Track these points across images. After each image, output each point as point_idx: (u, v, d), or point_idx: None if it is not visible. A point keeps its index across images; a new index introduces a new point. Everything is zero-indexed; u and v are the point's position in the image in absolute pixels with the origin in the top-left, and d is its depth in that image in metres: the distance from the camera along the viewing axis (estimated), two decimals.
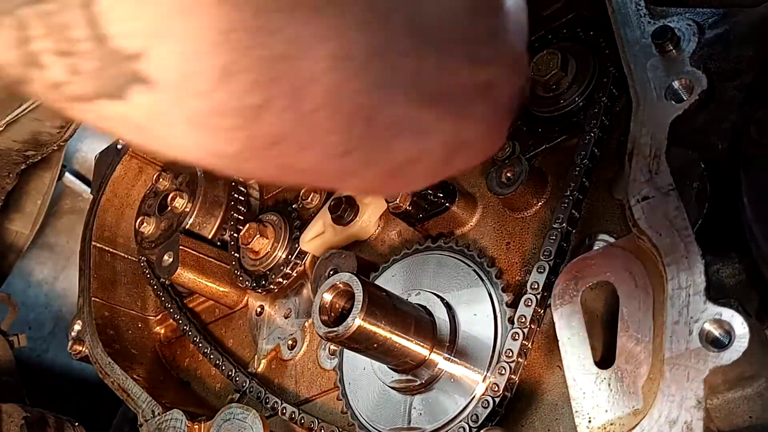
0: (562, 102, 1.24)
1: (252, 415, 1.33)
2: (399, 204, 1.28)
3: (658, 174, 0.92)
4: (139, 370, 1.69)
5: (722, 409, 0.92)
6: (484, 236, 1.30)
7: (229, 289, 1.66)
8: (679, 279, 0.87)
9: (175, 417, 1.45)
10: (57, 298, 2.72)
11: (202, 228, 1.70)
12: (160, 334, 1.83)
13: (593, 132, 1.17)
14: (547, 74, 1.22)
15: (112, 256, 1.84)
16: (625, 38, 1.03)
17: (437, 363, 1.18)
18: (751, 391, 0.90)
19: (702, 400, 0.82)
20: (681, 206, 0.89)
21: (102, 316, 1.75)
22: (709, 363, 0.82)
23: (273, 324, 1.57)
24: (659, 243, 0.89)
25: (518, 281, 1.23)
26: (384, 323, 1.09)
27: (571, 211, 1.14)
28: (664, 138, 0.94)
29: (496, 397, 1.12)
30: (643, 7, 1.03)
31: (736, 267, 1.03)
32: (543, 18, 1.35)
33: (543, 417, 1.14)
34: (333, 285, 1.10)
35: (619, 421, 0.88)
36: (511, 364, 1.12)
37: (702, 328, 0.83)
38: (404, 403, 1.23)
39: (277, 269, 1.54)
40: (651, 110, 0.96)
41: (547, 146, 1.27)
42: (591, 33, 1.25)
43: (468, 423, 1.13)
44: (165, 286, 1.74)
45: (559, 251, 1.13)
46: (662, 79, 0.97)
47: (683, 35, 0.99)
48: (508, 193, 1.21)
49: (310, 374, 1.46)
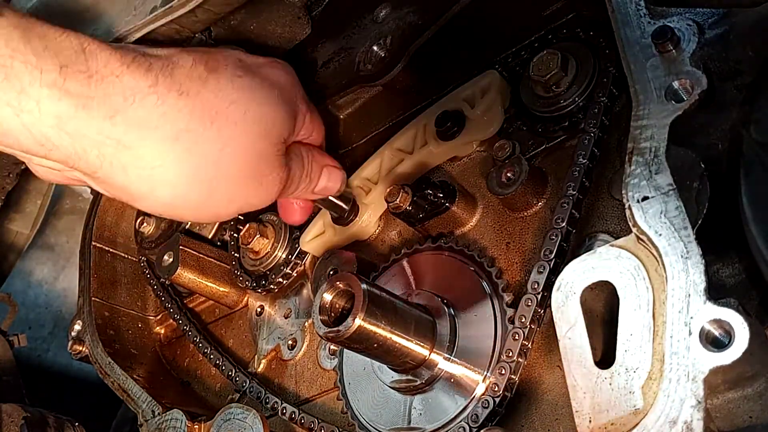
0: (562, 102, 1.24)
1: (252, 415, 1.33)
2: (399, 204, 1.28)
3: (658, 174, 0.92)
4: (139, 370, 1.69)
5: (722, 409, 0.92)
6: (484, 236, 1.30)
7: (229, 289, 1.66)
8: (679, 279, 0.87)
9: (175, 417, 1.45)
10: (57, 298, 2.72)
11: (202, 228, 1.70)
12: (160, 334, 1.83)
13: (593, 132, 1.17)
14: (547, 74, 1.22)
15: (112, 256, 1.84)
16: (625, 38, 1.03)
17: (437, 363, 1.18)
18: (751, 391, 0.91)
19: (702, 400, 0.82)
20: (681, 206, 0.89)
21: (102, 316, 1.75)
22: (709, 363, 0.82)
23: (273, 324, 1.57)
24: (659, 243, 0.89)
25: (518, 281, 1.23)
26: (384, 323, 1.09)
27: (571, 211, 1.14)
28: (664, 138, 0.94)
29: (496, 397, 1.12)
30: (643, 7, 1.03)
31: (736, 267, 1.04)
32: (543, 18, 1.35)
33: (543, 417, 1.14)
34: (333, 285, 1.10)
35: (619, 421, 0.88)
36: (511, 364, 1.12)
37: (702, 328, 0.84)
38: (404, 403, 1.23)
39: (277, 269, 1.54)
40: (651, 110, 0.96)
41: (547, 146, 1.27)
42: (591, 33, 1.25)
43: (468, 423, 1.13)
44: (165, 286, 1.74)
45: (559, 251, 1.13)
46: (662, 79, 0.97)
47: (683, 35, 0.99)
48: (508, 193, 1.21)
49: (310, 374, 1.46)
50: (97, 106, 0.97)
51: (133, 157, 1.02)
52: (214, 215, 1.19)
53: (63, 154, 0.99)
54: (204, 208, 1.14)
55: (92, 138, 0.99)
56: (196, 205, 1.12)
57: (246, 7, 1.32)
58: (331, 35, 1.44)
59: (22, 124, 0.93)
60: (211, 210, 1.15)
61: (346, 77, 1.40)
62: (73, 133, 0.97)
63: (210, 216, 1.21)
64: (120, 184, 1.05)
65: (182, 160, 1.06)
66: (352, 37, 1.42)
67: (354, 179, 1.43)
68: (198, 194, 1.10)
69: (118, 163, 1.02)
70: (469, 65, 1.41)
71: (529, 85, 1.27)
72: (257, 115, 1.13)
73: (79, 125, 0.96)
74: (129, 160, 1.02)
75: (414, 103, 1.46)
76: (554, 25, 1.33)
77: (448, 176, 1.38)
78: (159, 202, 1.09)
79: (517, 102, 1.30)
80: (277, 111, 1.17)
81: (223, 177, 1.11)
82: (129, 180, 1.04)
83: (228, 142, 1.09)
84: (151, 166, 1.04)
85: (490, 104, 1.30)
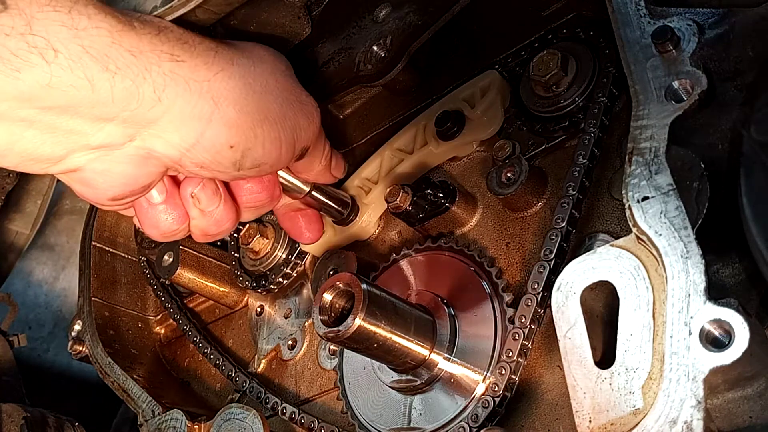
0: (562, 102, 1.24)
1: (252, 415, 1.33)
2: (399, 204, 1.29)
3: (658, 174, 0.92)
4: (139, 370, 1.69)
5: (722, 409, 0.92)
6: (484, 236, 1.30)
7: (229, 289, 1.66)
8: (679, 279, 0.87)
9: (175, 417, 1.45)
10: (57, 298, 2.72)
11: None
12: (160, 334, 1.83)
13: (593, 132, 1.17)
14: (547, 74, 1.22)
15: (112, 256, 1.84)
16: (625, 38, 1.03)
17: (437, 363, 1.18)
18: (751, 391, 0.91)
19: (702, 400, 0.82)
20: (681, 206, 0.89)
21: (102, 316, 1.75)
22: (709, 363, 0.82)
23: (273, 324, 1.57)
24: (659, 243, 0.89)
25: (518, 281, 1.23)
26: (384, 323, 1.09)
27: (571, 211, 1.14)
28: (664, 138, 0.94)
29: (496, 397, 1.12)
30: (643, 7, 1.03)
31: (736, 267, 1.04)
32: (543, 18, 1.35)
33: (543, 417, 1.14)
34: (333, 285, 1.10)
35: (619, 421, 0.88)
36: (511, 364, 1.12)
37: (702, 328, 0.84)
38: (404, 403, 1.23)
39: (277, 269, 1.54)
40: (651, 110, 0.96)
41: (547, 146, 1.27)
42: (591, 33, 1.25)
43: (468, 423, 1.13)
44: (165, 286, 1.74)
45: (559, 251, 1.13)
46: (662, 79, 0.98)
47: (683, 35, 0.99)
48: (508, 193, 1.21)
49: (310, 374, 1.46)
50: (141, 26, 0.98)
51: (189, 69, 1.02)
52: (275, 141, 1.14)
53: (128, 78, 0.96)
54: (264, 131, 1.12)
55: (148, 54, 0.98)
56: (245, 141, 1.10)
57: (246, 7, 1.31)
58: (331, 35, 1.44)
59: (81, 48, 0.91)
60: (258, 150, 1.12)
61: (346, 77, 1.40)
62: (131, 49, 0.96)
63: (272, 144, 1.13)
64: (187, 110, 1.03)
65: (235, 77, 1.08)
66: (352, 37, 1.42)
67: (354, 179, 1.43)
68: (249, 127, 1.10)
69: (181, 80, 1.01)
70: (469, 65, 1.41)
71: (529, 85, 1.27)
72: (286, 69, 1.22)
73: (131, 40, 0.96)
74: (187, 72, 1.02)
75: (414, 103, 1.47)
76: (554, 25, 1.33)
77: (448, 176, 1.38)
78: (210, 143, 1.06)
79: (517, 102, 1.30)
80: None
81: (271, 102, 1.13)
82: (193, 100, 1.03)
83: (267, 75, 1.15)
84: (207, 79, 1.04)
85: (490, 104, 1.31)
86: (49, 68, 0.90)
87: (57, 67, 0.90)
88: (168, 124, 1.03)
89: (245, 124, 1.09)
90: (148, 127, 1.01)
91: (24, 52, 0.88)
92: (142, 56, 0.98)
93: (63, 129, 0.97)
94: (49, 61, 0.89)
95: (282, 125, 1.15)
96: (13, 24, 0.86)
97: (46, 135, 0.97)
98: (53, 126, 0.96)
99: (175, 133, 1.04)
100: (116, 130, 1.00)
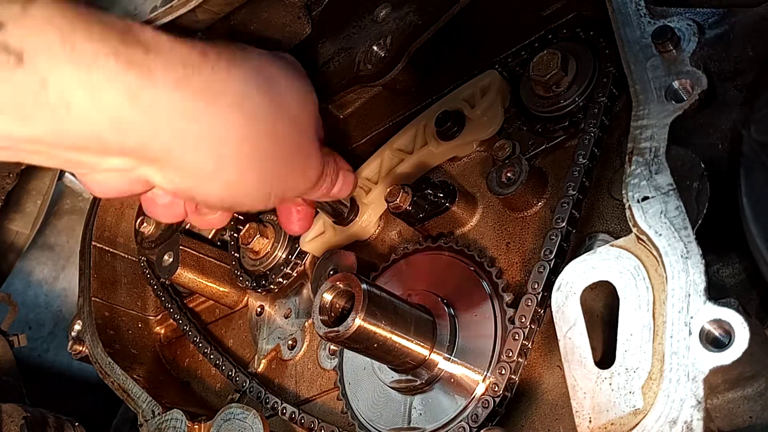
0: (562, 102, 1.24)
1: (252, 415, 1.33)
2: (399, 204, 1.29)
3: (658, 174, 0.92)
4: (139, 370, 1.69)
5: (722, 409, 0.92)
6: (484, 236, 1.30)
7: (229, 289, 1.66)
8: (679, 279, 0.87)
9: (175, 417, 1.45)
10: (57, 298, 2.72)
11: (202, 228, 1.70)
12: (160, 334, 1.83)
13: (593, 132, 1.17)
14: (547, 74, 1.22)
15: (112, 256, 1.84)
16: (625, 38, 1.03)
17: (437, 363, 1.18)
18: (751, 391, 0.91)
19: (702, 400, 0.82)
20: (681, 206, 0.89)
21: (102, 316, 1.75)
22: (709, 363, 0.82)
23: (273, 324, 1.57)
24: (659, 243, 0.89)
25: (518, 281, 1.23)
26: (384, 323, 1.09)
27: (571, 211, 1.14)
28: (664, 138, 0.94)
29: (496, 397, 1.12)
30: (643, 7, 1.03)
31: (736, 267, 1.04)
32: (543, 18, 1.35)
33: (543, 417, 1.14)
34: (333, 285, 1.10)
35: (619, 421, 0.88)
36: (511, 364, 1.12)
37: (702, 328, 0.84)
38: (404, 403, 1.23)
39: (277, 269, 1.54)
40: (651, 110, 0.96)
41: (547, 146, 1.27)
42: (591, 33, 1.25)
43: (468, 423, 1.13)
44: (165, 286, 1.74)
45: (559, 251, 1.13)
46: (662, 79, 0.98)
47: (683, 35, 0.99)
48: (508, 193, 1.21)
49: (310, 374, 1.46)
50: (161, 75, 0.97)
51: (202, 129, 1.02)
52: (264, 196, 1.16)
53: (138, 135, 0.97)
54: (259, 189, 1.14)
55: (163, 111, 0.98)
56: (253, 184, 1.12)
57: (246, 7, 1.32)
58: (331, 35, 1.44)
59: (96, 105, 0.92)
60: (263, 191, 1.14)
61: (346, 77, 1.40)
62: (146, 107, 0.96)
63: (261, 198, 1.16)
64: (190, 164, 1.04)
65: (246, 126, 1.07)
66: (352, 37, 1.42)
67: None
68: (257, 171, 1.11)
69: (190, 138, 1.01)
70: (469, 65, 1.41)
71: (529, 85, 1.27)
72: (303, 91, 1.19)
73: (149, 97, 0.96)
74: (199, 131, 1.02)
75: (414, 103, 1.47)
76: (554, 25, 1.33)
77: (448, 176, 1.38)
78: (223, 181, 1.08)
79: (517, 102, 1.30)
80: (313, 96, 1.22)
81: (279, 152, 1.13)
82: (199, 157, 1.03)
83: (281, 113, 1.12)
84: (220, 137, 1.04)
85: (490, 104, 1.30)
86: (61, 121, 0.91)
87: (70, 121, 0.92)
88: (172, 171, 1.05)
89: (241, 185, 1.11)
90: (151, 164, 1.03)
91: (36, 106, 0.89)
92: (156, 117, 0.98)
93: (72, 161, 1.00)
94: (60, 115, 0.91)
95: (276, 185, 1.16)
96: (28, 80, 0.87)
97: (52, 162, 1.00)
98: (60, 156, 0.98)
99: (176, 176, 1.06)
100: (121, 162, 1.02)
